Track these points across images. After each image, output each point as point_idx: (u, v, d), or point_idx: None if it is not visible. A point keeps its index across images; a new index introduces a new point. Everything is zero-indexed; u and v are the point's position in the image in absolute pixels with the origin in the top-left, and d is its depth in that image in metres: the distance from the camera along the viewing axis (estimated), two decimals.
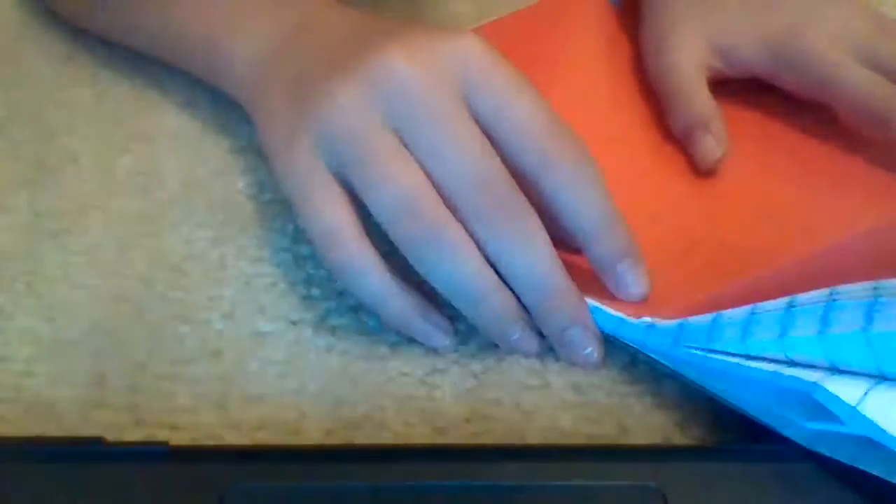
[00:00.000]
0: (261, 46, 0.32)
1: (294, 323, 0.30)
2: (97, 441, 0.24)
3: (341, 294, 0.31)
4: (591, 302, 0.27)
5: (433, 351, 0.29)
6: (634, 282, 0.27)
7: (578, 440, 0.27)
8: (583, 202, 0.27)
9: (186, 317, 0.30)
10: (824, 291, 0.24)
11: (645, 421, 0.27)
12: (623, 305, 0.27)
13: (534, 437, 0.27)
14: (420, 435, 0.27)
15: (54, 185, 0.36)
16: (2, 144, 0.38)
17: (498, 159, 0.26)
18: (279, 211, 0.35)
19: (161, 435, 0.26)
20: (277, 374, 0.28)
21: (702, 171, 0.33)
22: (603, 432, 0.27)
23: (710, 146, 0.33)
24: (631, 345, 0.27)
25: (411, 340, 0.29)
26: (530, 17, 0.42)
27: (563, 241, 0.28)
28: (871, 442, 0.22)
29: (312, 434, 0.26)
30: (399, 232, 0.26)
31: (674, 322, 0.26)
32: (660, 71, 0.35)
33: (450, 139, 0.26)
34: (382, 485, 0.23)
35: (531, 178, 0.27)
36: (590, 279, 0.28)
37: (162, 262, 0.32)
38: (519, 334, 0.27)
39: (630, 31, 0.39)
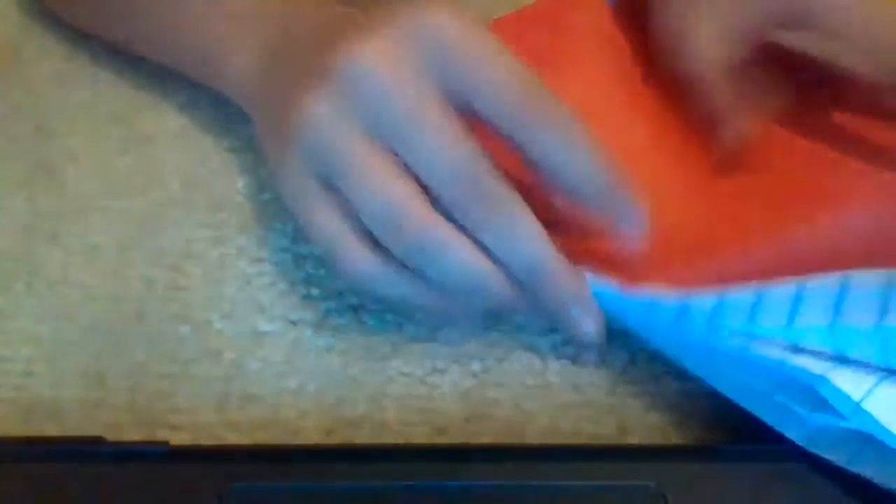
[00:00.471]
0: (254, 58, 0.32)
1: (294, 323, 0.30)
2: (97, 441, 0.24)
3: (341, 294, 0.31)
4: (590, 278, 0.27)
5: (433, 351, 0.29)
6: (636, 222, 0.26)
7: (578, 440, 0.27)
8: (574, 159, 0.26)
9: (186, 317, 0.30)
10: (836, 276, 0.23)
11: (645, 421, 0.27)
12: (621, 274, 0.27)
13: (534, 437, 0.27)
14: (420, 435, 0.27)
15: (54, 185, 0.36)
16: (2, 144, 0.38)
17: (478, 148, 0.26)
18: (279, 211, 0.35)
19: (161, 435, 0.26)
20: (277, 374, 0.28)
21: (721, 162, 0.33)
22: (603, 432, 0.27)
23: (731, 137, 0.33)
24: (631, 326, 0.27)
25: (411, 340, 0.29)
26: (529, 16, 0.42)
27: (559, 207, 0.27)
28: (871, 442, 0.22)
29: (312, 434, 0.26)
30: (391, 240, 0.26)
31: (676, 301, 0.25)
32: (679, 61, 0.35)
33: (426, 136, 0.25)
34: (382, 485, 0.23)
35: (518, 144, 0.26)
36: (587, 254, 0.27)
37: (162, 262, 0.32)
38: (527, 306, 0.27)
39: (627, 31, 0.39)
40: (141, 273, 0.32)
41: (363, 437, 0.26)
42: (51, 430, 0.26)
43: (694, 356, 0.26)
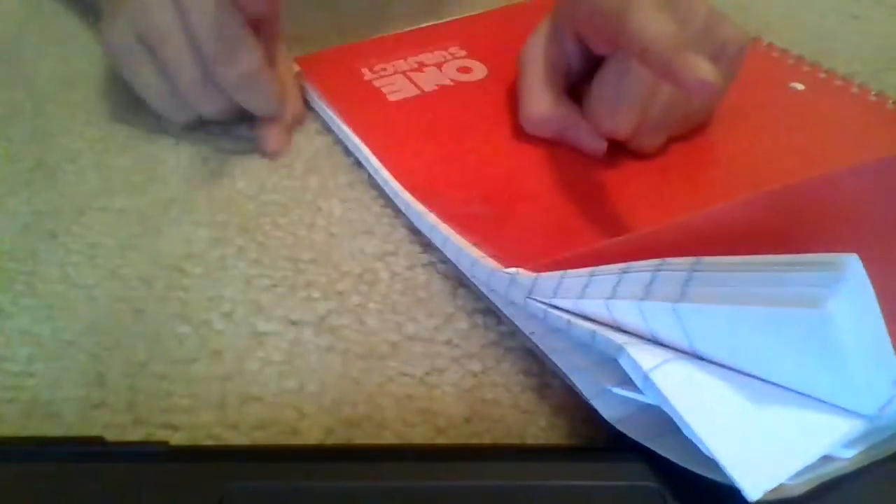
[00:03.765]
0: None
1: (294, 323, 0.30)
2: (97, 441, 0.24)
3: (341, 294, 0.31)
4: (470, 254, 0.30)
5: (433, 351, 0.29)
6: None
7: (578, 440, 0.27)
8: None
9: (186, 317, 0.30)
10: (655, 261, 0.24)
11: None
12: (495, 254, 0.30)
13: (534, 437, 0.27)
14: (420, 435, 0.27)
15: (54, 184, 0.36)
16: (2, 144, 0.38)
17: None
18: (279, 211, 0.35)
19: (161, 435, 0.26)
20: (277, 374, 0.28)
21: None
22: (602, 433, 0.27)
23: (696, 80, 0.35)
24: (500, 299, 0.29)
25: (411, 339, 0.29)
26: (513, 14, 0.49)
27: None
28: (671, 423, 0.22)
29: (312, 434, 0.26)
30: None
31: (531, 276, 0.27)
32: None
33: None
34: (382, 485, 0.23)
35: None
36: (477, 230, 0.31)
37: (162, 262, 0.32)
38: None
39: None
40: (141, 273, 0.32)
41: (363, 437, 0.26)
42: (51, 430, 0.26)
43: (537, 329, 0.28)
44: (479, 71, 0.44)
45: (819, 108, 0.40)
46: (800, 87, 0.42)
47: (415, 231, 0.34)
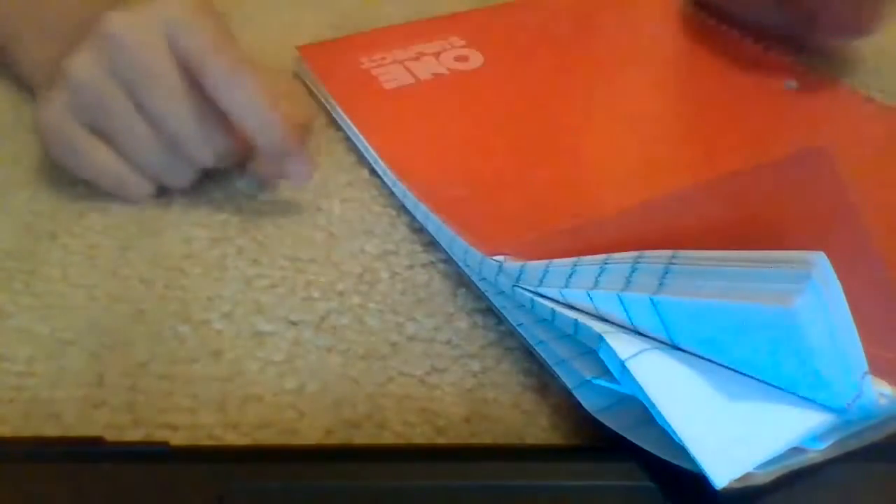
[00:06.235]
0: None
1: (294, 323, 0.30)
2: (97, 441, 0.24)
3: (341, 294, 0.31)
4: (460, 239, 0.31)
5: (433, 351, 0.29)
6: (298, 171, 0.34)
7: (578, 440, 0.27)
8: (251, 112, 0.32)
9: (186, 317, 0.30)
10: (634, 253, 0.24)
11: None
12: (481, 240, 0.30)
13: (534, 437, 0.27)
14: (420, 435, 0.27)
15: (54, 185, 0.36)
16: (2, 145, 0.38)
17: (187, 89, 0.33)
18: (279, 212, 0.35)
19: (160, 435, 0.26)
20: (277, 374, 0.28)
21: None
22: (602, 433, 0.27)
23: None
24: (489, 287, 0.30)
25: (411, 339, 0.29)
26: (514, 10, 0.50)
27: None
28: (648, 413, 0.22)
29: (312, 434, 0.26)
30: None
31: (517, 264, 0.28)
32: None
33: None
34: (382, 485, 0.23)
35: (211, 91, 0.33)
36: (457, 213, 0.32)
37: (162, 262, 0.32)
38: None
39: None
40: (141, 273, 0.32)
41: (363, 437, 0.26)
42: (51, 430, 0.26)
43: (524, 319, 0.28)
44: (475, 60, 0.44)
45: (808, 106, 0.41)
46: (793, 84, 0.42)
47: (415, 230, 0.34)
